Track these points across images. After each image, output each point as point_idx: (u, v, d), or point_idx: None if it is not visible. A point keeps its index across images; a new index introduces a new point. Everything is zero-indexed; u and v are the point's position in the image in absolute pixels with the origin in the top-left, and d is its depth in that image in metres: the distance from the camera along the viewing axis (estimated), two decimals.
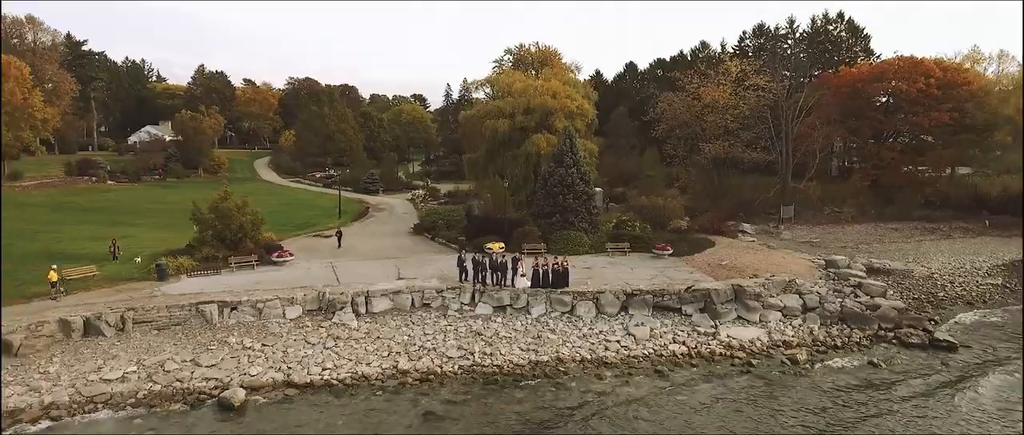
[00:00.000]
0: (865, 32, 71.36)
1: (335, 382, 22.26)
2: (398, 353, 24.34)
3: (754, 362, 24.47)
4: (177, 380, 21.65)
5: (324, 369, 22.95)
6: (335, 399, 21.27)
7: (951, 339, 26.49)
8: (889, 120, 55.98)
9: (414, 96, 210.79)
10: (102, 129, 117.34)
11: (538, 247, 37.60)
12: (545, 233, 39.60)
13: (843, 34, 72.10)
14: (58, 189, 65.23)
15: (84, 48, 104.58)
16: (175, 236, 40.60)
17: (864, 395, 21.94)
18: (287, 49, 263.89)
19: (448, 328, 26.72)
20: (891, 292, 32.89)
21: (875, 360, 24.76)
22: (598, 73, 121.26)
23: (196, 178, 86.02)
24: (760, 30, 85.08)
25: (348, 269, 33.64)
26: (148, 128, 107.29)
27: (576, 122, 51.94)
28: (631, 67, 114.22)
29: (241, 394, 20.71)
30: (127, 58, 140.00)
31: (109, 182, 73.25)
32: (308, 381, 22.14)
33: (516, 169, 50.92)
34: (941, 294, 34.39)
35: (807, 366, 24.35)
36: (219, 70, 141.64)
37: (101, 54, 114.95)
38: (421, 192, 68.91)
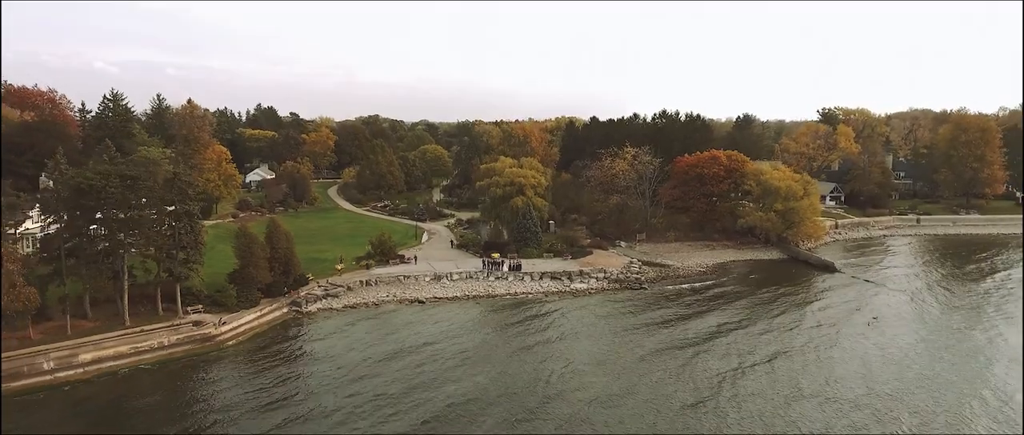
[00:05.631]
0: (709, 126, 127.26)
1: (448, 297, 77.55)
2: (465, 291, 79.67)
3: (576, 294, 79.81)
4: (404, 297, 76.99)
5: (445, 293, 78.34)
6: (449, 302, 76.52)
7: (649, 287, 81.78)
8: (701, 187, 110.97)
9: (427, 125, 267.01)
10: None
11: (514, 255, 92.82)
12: (517, 248, 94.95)
13: (698, 125, 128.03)
14: (253, 222, 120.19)
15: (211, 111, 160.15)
16: (349, 248, 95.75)
17: (601, 299, 77.06)
18: (288, 49, 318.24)
19: (479, 284, 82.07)
20: (652, 272, 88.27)
21: (617, 290, 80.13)
22: (572, 121, 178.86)
23: (304, 209, 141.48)
24: (663, 114, 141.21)
25: (436, 265, 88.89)
26: (257, 170, 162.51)
27: (537, 189, 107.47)
28: (594, 119, 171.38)
29: (423, 299, 76.18)
30: (218, 108, 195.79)
31: (267, 214, 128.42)
32: (441, 297, 77.56)
33: (506, 214, 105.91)
34: (673, 274, 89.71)
35: (596, 296, 79.62)
36: (269, 105, 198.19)
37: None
38: (453, 221, 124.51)
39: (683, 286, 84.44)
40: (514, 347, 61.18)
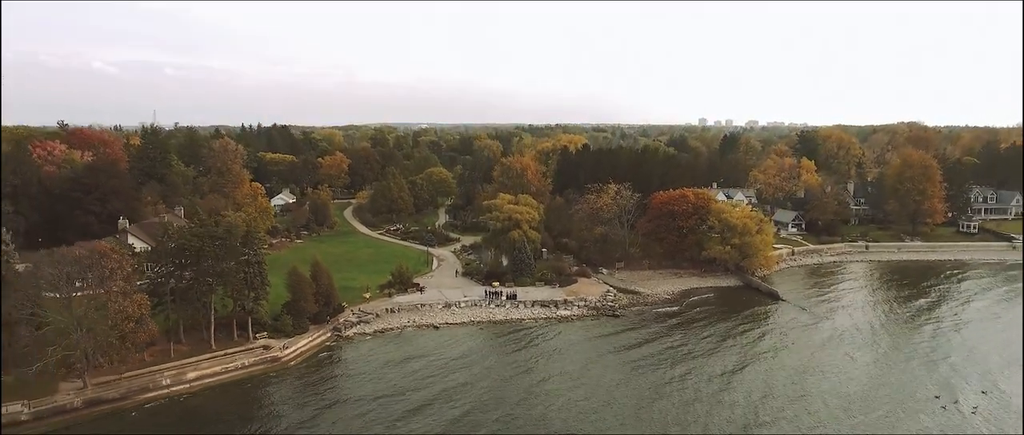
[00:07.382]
0: (682, 164, 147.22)
1: (457, 322, 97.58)
2: (471, 317, 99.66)
3: (560, 320, 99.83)
4: (421, 323, 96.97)
5: (455, 319, 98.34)
6: (457, 326, 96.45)
7: (621, 313, 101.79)
8: (673, 221, 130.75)
9: (430, 143, 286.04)
10: None
11: (510, 283, 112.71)
12: (513, 277, 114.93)
13: (674, 163, 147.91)
14: (286, 249, 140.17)
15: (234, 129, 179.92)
16: (372, 276, 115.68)
17: (579, 324, 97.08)
18: (288, 49, 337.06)
19: (482, 311, 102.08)
20: (625, 300, 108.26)
21: (595, 318, 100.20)
22: (565, 148, 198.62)
23: (326, 233, 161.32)
24: (644, 149, 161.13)
25: (446, 293, 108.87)
26: (280, 195, 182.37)
27: (531, 223, 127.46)
28: (586, 147, 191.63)
29: (437, 324, 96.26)
30: (243, 126, 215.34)
31: (295, 240, 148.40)
32: (452, 322, 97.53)
33: (505, 245, 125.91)
34: (642, 301, 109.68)
35: (576, 322, 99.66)
36: (282, 124, 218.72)
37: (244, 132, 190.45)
38: (458, 247, 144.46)
39: (645, 307, 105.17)
40: (503, 352, 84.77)
